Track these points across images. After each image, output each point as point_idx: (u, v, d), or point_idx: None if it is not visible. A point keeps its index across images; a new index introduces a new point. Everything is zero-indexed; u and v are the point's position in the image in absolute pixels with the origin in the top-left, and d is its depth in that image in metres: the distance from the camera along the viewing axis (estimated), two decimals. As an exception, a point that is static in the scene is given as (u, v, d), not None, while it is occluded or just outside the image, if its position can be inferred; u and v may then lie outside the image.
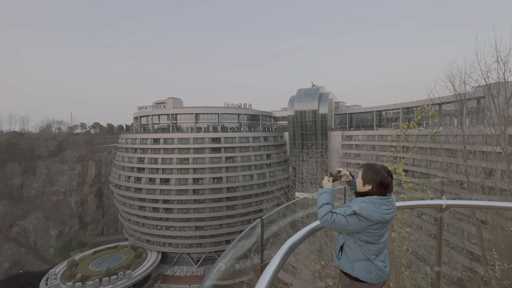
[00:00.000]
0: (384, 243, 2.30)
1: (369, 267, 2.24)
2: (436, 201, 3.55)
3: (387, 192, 2.29)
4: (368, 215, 2.13)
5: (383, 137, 55.80)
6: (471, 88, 14.25)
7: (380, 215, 2.15)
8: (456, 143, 17.15)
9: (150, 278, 57.27)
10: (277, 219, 3.36)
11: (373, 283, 2.25)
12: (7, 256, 72.63)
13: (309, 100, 69.87)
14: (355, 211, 2.14)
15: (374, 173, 2.28)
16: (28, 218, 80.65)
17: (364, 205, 2.19)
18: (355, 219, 2.14)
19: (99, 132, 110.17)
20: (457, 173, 20.25)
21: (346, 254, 2.35)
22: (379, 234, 2.23)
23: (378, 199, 2.24)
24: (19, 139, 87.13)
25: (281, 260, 1.90)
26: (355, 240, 2.26)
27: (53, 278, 53.68)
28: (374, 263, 2.23)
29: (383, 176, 2.25)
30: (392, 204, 2.29)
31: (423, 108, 4.05)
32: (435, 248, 3.76)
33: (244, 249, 2.19)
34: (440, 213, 3.47)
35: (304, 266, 10.52)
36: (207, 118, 69.20)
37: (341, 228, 2.18)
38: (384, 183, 2.25)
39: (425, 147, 35.47)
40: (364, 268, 2.25)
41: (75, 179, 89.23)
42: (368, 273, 2.24)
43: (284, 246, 2.07)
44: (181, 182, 60.85)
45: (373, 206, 2.18)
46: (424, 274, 5.02)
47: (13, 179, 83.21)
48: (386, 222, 2.22)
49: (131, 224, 64.92)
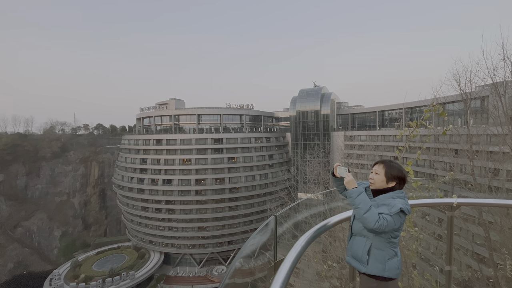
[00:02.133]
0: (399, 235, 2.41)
1: (397, 262, 2.27)
2: (447, 199, 3.51)
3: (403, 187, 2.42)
4: (406, 210, 2.16)
5: (386, 137, 55.52)
6: (476, 87, 14.14)
7: (409, 207, 2.23)
8: (461, 143, 17.01)
9: (153, 278, 57.37)
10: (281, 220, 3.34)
11: (396, 278, 2.31)
12: (11, 257, 73.19)
13: (311, 100, 69.75)
14: (402, 209, 2.11)
15: (399, 171, 2.35)
16: (32, 219, 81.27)
17: (401, 201, 2.21)
18: (398, 216, 2.12)
19: (102, 133, 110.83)
20: (463, 172, 20.09)
21: (375, 257, 2.24)
22: (400, 227, 2.29)
23: (402, 193, 2.32)
24: (23, 141, 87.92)
25: (295, 258, 1.88)
26: (388, 238, 2.19)
27: (57, 278, 53.94)
28: (398, 255, 2.31)
29: (406, 173, 2.40)
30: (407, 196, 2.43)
31: (432, 106, 4.01)
32: (442, 249, 3.71)
33: (257, 247, 2.18)
34: (451, 211, 3.43)
35: (307, 267, 10.47)
36: (209, 119, 69.35)
37: (390, 228, 2.08)
38: (405, 179, 2.38)
39: (430, 147, 35.27)
40: (395, 266, 2.24)
41: (79, 180, 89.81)
42: (397, 269, 2.27)
43: (298, 243, 2.05)
44: (184, 183, 60.97)
45: (405, 201, 2.25)
46: (430, 273, 4.98)
47: (17, 180, 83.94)
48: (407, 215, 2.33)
49: (134, 224, 65.14)
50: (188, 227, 60.98)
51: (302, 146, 69.95)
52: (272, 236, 2.11)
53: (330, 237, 10.53)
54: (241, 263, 1.78)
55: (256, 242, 2.08)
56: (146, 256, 61.46)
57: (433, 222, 10.61)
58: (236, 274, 1.69)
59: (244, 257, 2.02)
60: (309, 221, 4.05)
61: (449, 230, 3.54)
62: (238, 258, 1.86)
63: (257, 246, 2.10)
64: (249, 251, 2.01)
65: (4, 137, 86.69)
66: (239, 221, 63.62)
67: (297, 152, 70.82)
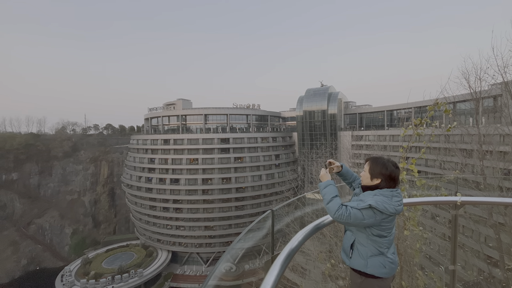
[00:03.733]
0: (393, 235, 2.29)
1: (383, 261, 2.20)
2: (451, 198, 3.47)
3: (396, 185, 2.27)
4: (383, 208, 2.09)
5: (395, 137, 54.57)
6: (488, 85, 13.77)
7: (394, 208, 2.13)
8: (471, 143, 16.61)
9: (161, 277, 58.10)
10: (283, 214, 3.37)
11: (386, 277, 2.21)
12: (25, 253, 75.47)
13: (318, 100, 69.21)
14: (371, 205, 2.08)
15: (383, 167, 2.25)
16: (44, 216, 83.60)
17: (377, 198, 2.15)
18: (371, 212, 2.09)
19: (112, 133, 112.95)
20: (473, 173, 19.60)
21: (358, 251, 2.27)
22: (391, 227, 2.21)
23: (389, 191, 2.22)
24: (36, 140, 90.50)
25: (293, 250, 1.91)
26: (368, 235, 2.20)
27: (68, 275, 55.30)
28: (387, 256, 2.20)
29: (392, 170, 2.23)
30: (401, 196, 2.28)
31: (436, 103, 3.95)
32: (449, 248, 3.67)
33: (253, 242, 2.21)
34: (455, 210, 3.38)
35: (313, 268, 10.43)
36: (216, 119, 69.74)
37: (356, 222, 2.10)
38: (393, 176, 2.23)
39: (439, 147, 34.50)
40: (378, 264, 2.20)
41: (89, 179, 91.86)
42: (382, 268, 2.20)
43: (295, 238, 2.08)
44: (191, 182, 61.52)
45: (386, 199, 2.15)
46: (437, 274, 4.90)
47: (30, 179, 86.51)
48: (396, 214, 2.20)
49: (142, 223, 66.15)
50: (195, 226, 61.50)
51: (309, 146, 69.50)
52: (269, 231, 2.14)
53: (336, 237, 10.47)
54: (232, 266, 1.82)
55: (251, 236, 2.11)
56: (154, 254, 62.30)
57: (442, 223, 10.42)
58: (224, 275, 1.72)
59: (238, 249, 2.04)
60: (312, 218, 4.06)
61: (454, 228, 3.49)
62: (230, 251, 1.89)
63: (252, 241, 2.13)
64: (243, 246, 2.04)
65: (18, 137, 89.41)
66: (246, 221, 63.68)
67: (304, 152, 70.41)
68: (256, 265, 54.44)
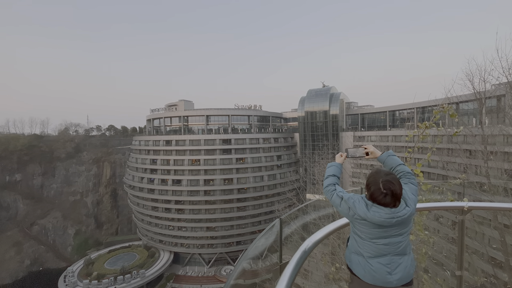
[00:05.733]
0: (384, 245, 2.07)
1: (362, 262, 2.14)
2: (457, 203, 3.44)
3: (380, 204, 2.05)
4: (352, 206, 2.09)
5: (397, 138, 54.36)
6: (491, 86, 13.68)
7: (364, 213, 2.03)
8: (475, 144, 16.49)
9: (163, 277, 58.17)
10: (289, 220, 3.36)
11: (369, 283, 2.10)
12: (28, 254, 75.90)
13: (319, 100, 69.09)
14: (343, 197, 2.18)
15: (370, 183, 2.07)
16: (47, 217, 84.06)
17: (354, 196, 2.16)
18: (345, 204, 2.15)
19: (114, 134, 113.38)
20: (477, 174, 19.46)
21: (349, 243, 2.33)
22: (371, 233, 2.07)
23: (362, 197, 2.12)
24: (39, 142, 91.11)
25: (300, 259, 1.90)
26: (352, 229, 2.23)
27: (71, 275, 55.50)
28: (368, 261, 2.10)
29: (373, 191, 2.04)
30: (395, 213, 2.01)
31: (442, 107, 3.92)
32: (454, 252, 3.63)
33: (262, 249, 2.20)
34: (462, 215, 3.36)
35: (316, 269, 10.38)
36: (217, 120, 69.81)
37: (334, 205, 2.24)
38: (374, 198, 2.03)
39: (443, 147, 34.30)
40: (357, 262, 2.18)
41: (91, 180, 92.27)
42: (360, 268, 2.15)
43: (303, 246, 2.07)
44: (193, 183, 61.61)
45: (362, 203, 2.07)
46: (443, 279, 4.86)
47: (33, 180, 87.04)
48: (376, 224, 2.03)
49: (144, 224, 66.31)
50: (197, 227, 61.55)
51: (311, 147, 69.37)
52: (277, 239, 2.13)
53: (339, 239, 10.42)
54: (250, 264, 1.82)
55: (261, 244, 2.10)
56: (156, 255, 62.41)
57: (446, 225, 10.34)
58: (242, 275, 1.72)
59: (250, 259, 2.04)
60: (317, 223, 4.05)
61: (460, 234, 3.46)
62: (244, 260, 1.90)
63: (262, 248, 2.12)
64: (254, 254, 2.04)
65: (22, 138, 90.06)
66: (248, 222, 63.69)
67: (305, 153, 70.29)
68: (258, 266, 54.36)
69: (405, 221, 2.05)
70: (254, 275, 28.63)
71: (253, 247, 2.02)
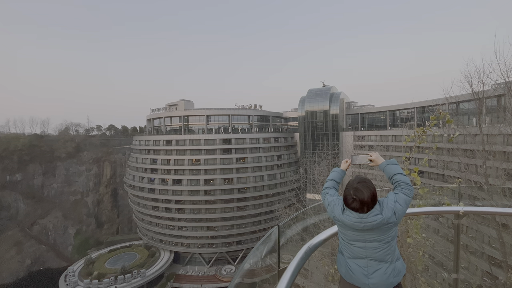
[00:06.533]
0: (360, 248, 2.18)
1: (343, 262, 2.32)
2: (453, 208, 3.50)
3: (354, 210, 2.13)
4: (331, 208, 2.28)
5: (397, 137, 54.38)
6: (490, 86, 13.71)
7: (339, 215, 2.19)
8: (474, 143, 16.56)
9: (163, 277, 58.32)
10: (290, 223, 3.42)
11: (348, 282, 2.25)
12: (29, 253, 76.04)
13: (320, 100, 69.08)
14: (327, 199, 2.37)
15: (345, 189, 2.23)
16: (48, 217, 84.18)
17: (336, 200, 2.31)
18: (329, 206, 2.33)
19: (114, 134, 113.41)
20: (476, 174, 19.50)
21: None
22: (347, 234, 2.23)
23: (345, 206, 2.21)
24: (40, 141, 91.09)
25: (297, 266, 1.96)
26: (338, 231, 2.40)
27: (71, 275, 55.67)
28: (347, 261, 2.28)
29: (344, 196, 2.19)
30: (363, 218, 2.08)
31: (438, 112, 3.98)
32: (453, 254, 3.69)
33: (261, 255, 2.26)
34: (458, 219, 3.42)
35: (316, 268, 10.44)
36: (218, 120, 69.85)
37: (325, 206, 2.39)
38: (345, 202, 2.18)
39: (442, 147, 34.33)
40: (340, 261, 2.37)
41: (92, 179, 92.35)
42: (342, 267, 2.33)
43: (300, 251, 2.13)
44: (193, 183, 61.69)
45: (338, 206, 2.24)
46: (441, 280, 4.91)
47: (34, 180, 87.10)
48: (348, 226, 2.15)
49: (144, 223, 66.43)
50: (197, 227, 61.66)
51: (311, 146, 69.41)
52: (275, 245, 2.19)
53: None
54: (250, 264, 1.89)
55: (260, 251, 2.16)
56: (157, 254, 62.55)
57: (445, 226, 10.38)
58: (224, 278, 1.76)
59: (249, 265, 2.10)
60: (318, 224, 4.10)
61: (456, 238, 3.52)
62: (243, 268, 1.95)
63: (261, 255, 2.18)
64: (253, 261, 2.10)
65: (22, 138, 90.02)
66: (248, 221, 63.80)
67: (306, 153, 70.33)
68: (258, 265, 54.52)
69: (379, 228, 2.08)
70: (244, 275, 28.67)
71: (252, 254, 2.07)
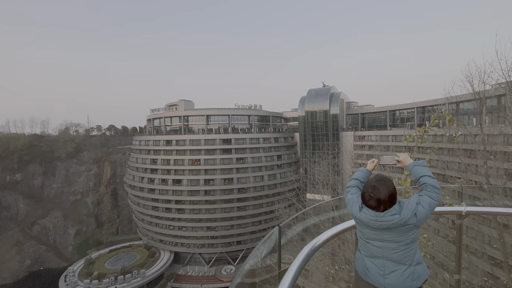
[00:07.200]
0: (377, 248, 2.16)
1: (360, 259, 2.33)
2: (455, 208, 3.47)
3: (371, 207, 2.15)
4: (350, 206, 2.31)
5: (397, 137, 54.36)
6: (491, 86, 13.68)
7: (357, 213, 2.22)
8: (475, 143, 16.51)
9: (163, 277, 58.28)
10: (291, 223, 3.39)
11: (364, 279, 2.25)
12: (29, 253, 76.02)
13: (320, 100, 69.06)
14: (347, 197, 2.38)
15: (364, 186, 2.29)
16: (48, 217, 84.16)
17: (355, 198, 2.32)
18: (348, 203, 2.36)
19: (114, 134, 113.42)
20: (477, 174, 19.46)
21: None
22: (364, 232, 2.25)
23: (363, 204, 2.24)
24: (40, 142, 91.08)
25: (298, 268, 1.93)
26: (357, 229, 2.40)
27: (71, 275, 55.61)
28: (364, 259, 2.28)
29: (362, 194, 2.24)
30: (379, 217, 2.08)
31: (440, 112, 3.95)
32: (454, 254, 3.66)
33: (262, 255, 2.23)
34: (460, 219, 3.39)
35: (316, 268, 10.41)
36: (218, 120, 69.83)
37: (346, 202, 2.39)
38: (363, 200, 2.22)
39: (442, 147, 34.31)
40: (357, 258, 2.38)
41: (92, 179, 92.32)
42: (358, 264, 2.33)
43: (301, 253, 2.10)
44: (193, 183, 61.66)
45: (357, 204, 2.26)
46: (442, 280, 4.88)
47: (34, 180, 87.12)
48: (365, 224, 2.17)
49: (144, 224, 66.39)
50: (197, 227, 61.62)
51: (311, 147, 69.39)
52: (276, 246, 2.16)
53: (338, 240, 10.41)
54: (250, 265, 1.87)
55: (260, 252, 2.13)
56: (157, 255, 62.51)
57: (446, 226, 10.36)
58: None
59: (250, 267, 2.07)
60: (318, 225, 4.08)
61: (458, 238, 3.49)
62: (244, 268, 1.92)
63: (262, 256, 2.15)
64: (254, 262, 2.07)
65: (22, 138, 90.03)
66: (248, 221, 63.75)
67: (306, 153, 70.31)
68: (258, 265, 54.52)
69: (397, 228, 2.05)
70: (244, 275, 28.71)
71: (253, 255, 2.04)
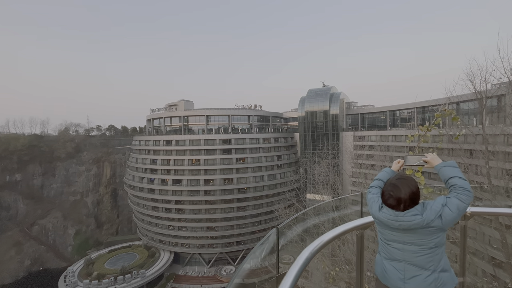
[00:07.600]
0: (397, 250, 2.09)
1: (379, 262, 2.27)
2: (460, 208, 3.36)
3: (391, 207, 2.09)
4: (370, 205, 2.27)
5: (397, 138, 54.24)
6: (492, 86, 13.59)
7: (376, 212, 2.18)
8: (476, 143, 16.41)
9: (163, 277, 58.17)
10: (290, 224, 3.29)
11: (383, 283, 2.21)
12: (28, 254, 75.94)
13: (320, 100, 68.96)
14: (368, 197, 2.33)
15: (384, 185, 2.22)
16: (48, 217, 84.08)
17: (375, 197, 2.28)
18: (368, 203, 2.33)
19: (114, 134, 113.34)
20: (478, 174, 19.36)
21: None
22: (384, 233, 2.20)
23: (378, 198, 2.24)
24: (40, 142, 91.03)
25: (298, 272, 1.84)
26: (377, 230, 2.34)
27: (71, 275, 55.50)
28: (384, 262, 2.22)
29: (382, 192, 2.17)
30: (399, 217, 2.01)
31: (443, 110, 3.84)
32: (457, 256, 3.57)
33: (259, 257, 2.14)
34: (464, 220, 3.29)
35: (316, 270, 10.32)
36: (217, 120, 69.76)
37: (367, 201, 2.37)
38: (382, 199, 2.15)
39: (444, 147, 34.18)
40: (377, 260, 2.32)
41: (92, 180, 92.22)
42: (378, 266, 2.27)
43: (301, 256, 2.00)
44: (193, 183, 61.57)
45: (376, 204, 2.21)
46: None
47: (34, 180, 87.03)
48: (384, 224, 2.12)
49: (144, 224, 66.30)
50: (197, 227, 61.54)
51: (311, 147, 69.29)
52: (274, 249, 2.07)
53: (339, 240, 10.32)
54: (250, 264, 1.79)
55: (257, 255, 2.04)
56: (157, 255, 62.42)
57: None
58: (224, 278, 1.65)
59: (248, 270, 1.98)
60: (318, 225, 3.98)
61: (462, 240, 3.40)
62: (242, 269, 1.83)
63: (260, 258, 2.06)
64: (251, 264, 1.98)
65: (22, 138, 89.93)
66: (248, 222, 63.66)
67: (306, 153, 70.22)
68: (257, 266, 54.51)
69: (418, 230, 1.96)
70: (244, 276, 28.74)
71: (250, 256, 1.95)
